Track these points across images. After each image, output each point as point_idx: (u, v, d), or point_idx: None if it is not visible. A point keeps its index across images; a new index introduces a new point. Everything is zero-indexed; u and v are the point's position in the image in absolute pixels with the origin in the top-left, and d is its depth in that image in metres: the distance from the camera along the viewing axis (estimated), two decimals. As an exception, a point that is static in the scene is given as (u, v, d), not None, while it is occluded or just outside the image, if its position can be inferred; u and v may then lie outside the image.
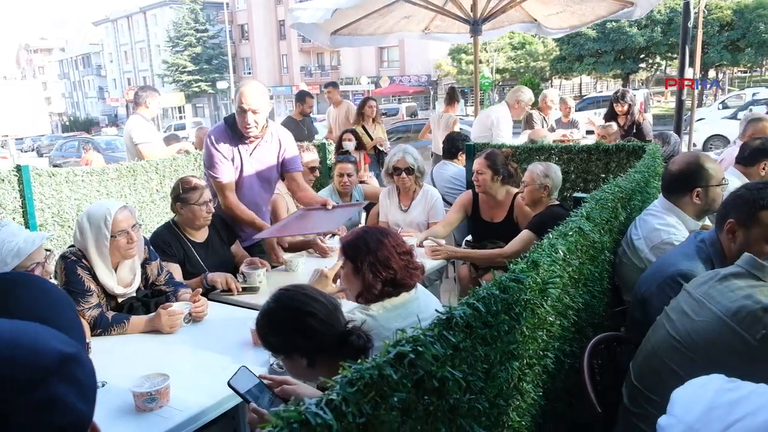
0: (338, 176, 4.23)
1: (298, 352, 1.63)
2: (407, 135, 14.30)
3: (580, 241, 1.82)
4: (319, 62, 49.93)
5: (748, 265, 1.62)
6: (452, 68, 39.42)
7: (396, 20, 7.22)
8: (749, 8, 28.43)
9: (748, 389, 0.97)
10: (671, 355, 1.60)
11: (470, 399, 1.11)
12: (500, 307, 1.25)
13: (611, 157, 4.17)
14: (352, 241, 2.08)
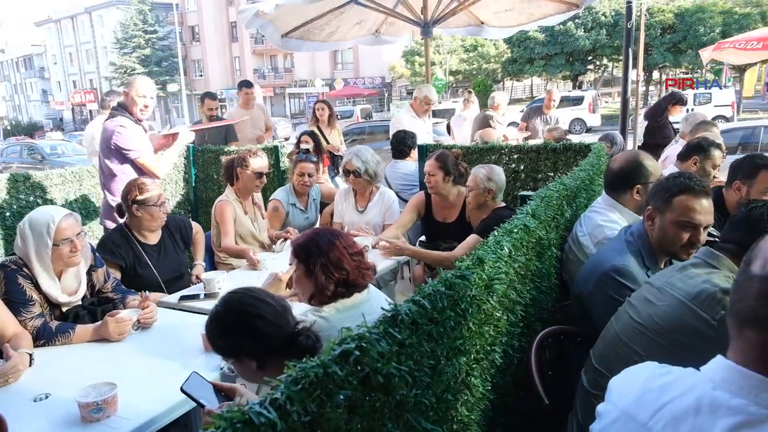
0: (298, 175, 4.20)
1: (247, 355, 1.63)
2: (362, 137, 14.31)
3: (525, 238, 1.86)
4: (272, 64, 49.50)
5: (704, 256, 1.73)
6: (406, 70, 39.69)
7: (349, 27, 7.23)
8: (689, 12, 29.58)
9: (676, 374, 1.02)
10: (635, 338, 1.66)
11: (417, 394, 1.13)
12: (446, 304, 1.27)
13: (559, 156, 4.28)
14: (303, 243, 2.08)
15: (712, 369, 0.96)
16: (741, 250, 1.55)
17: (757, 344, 0.89)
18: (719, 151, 3.76)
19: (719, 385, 0.91)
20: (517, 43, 33.20)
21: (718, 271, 1.66)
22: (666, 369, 1.07)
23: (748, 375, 0.89)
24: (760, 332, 0.89)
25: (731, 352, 0.94)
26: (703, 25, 28.60)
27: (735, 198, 3.00)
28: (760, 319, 0.89)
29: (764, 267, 0.90)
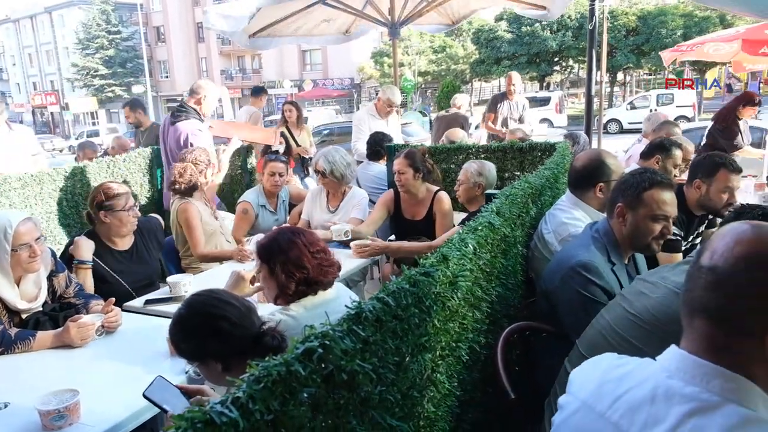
0: (269, 175, 4.18)
1: (212, 357, 1.61)
2: (331, 138, 14.29)
3: (490, 235, 1.89)
4: (240, 65, 49.03)
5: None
6: (375, 71, 39.73)
7: (316, 23, 7.21)
8: (652, 15, 30.24)
9: (634, 364, 1.05)
10: (631, 331, 1.66)
11: (382, 391, 1.13)
12: (410, 301, 1.28)
13: (525, 155, 4.34)
14: (265, 243, 2.09)
15: (667, 359, 0.98)
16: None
17: (707, 334, 0.92)
18: (680, 150, 3.86)
19: (673, 374, 0.94)
20: (485, 43, 33.50)
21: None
22: (624, 360, 1.10)
23: (700, 363, 0.92)
24: (708, 322, 0.92)
25: (684, 341, 0.97)
26: (665, 27, 29.26)
27: (695, 196, 3.08)
28: (709, 310, 0.92)
29: (711, 258, 0.93)
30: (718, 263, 0.92)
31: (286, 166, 4.31)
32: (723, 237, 0.95)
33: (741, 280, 0.89)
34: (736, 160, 3.09)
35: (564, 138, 4.97)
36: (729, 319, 0.90)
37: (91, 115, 49.61)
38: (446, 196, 3.91)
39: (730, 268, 0.90)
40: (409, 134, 11.95)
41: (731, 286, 0.90)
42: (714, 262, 0.92)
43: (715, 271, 0.92)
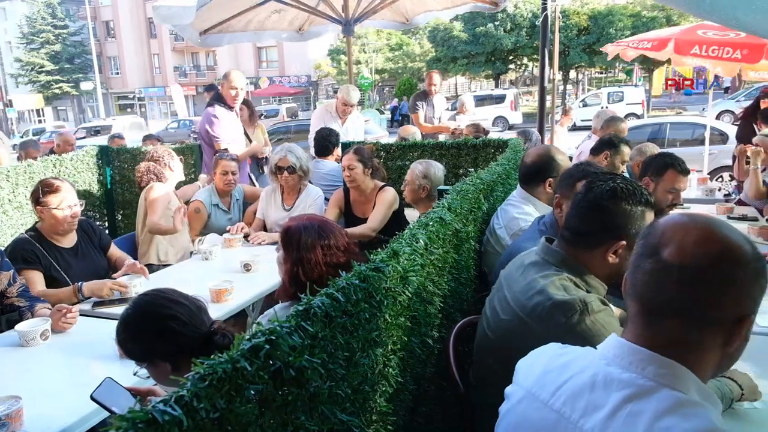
0: (222, 174, 4.12)
1: (160, 358, 1.59)
2: (288, 136, 14.16)
3: (441, 230, 1.91)
4: (194, 62, 48.04)
5: (543, 253, 1.70)
6: (332, 69, 39.58)
7: (267, 14, 7.12)
8: (602, 14, 31.03)
9: (575, 353, 1.08)
10: (491, 351, 1.70)
11: (331, 386, 1.14)
12: (360, 296, 1.29)
13: (479, 152, 4.40)
14: (292, 229, 2.08)
15: (607, 347, 1.02)
16: (575, 236, 1.62)
17: (663, 327, 0.95)
18: (628, 147, 3.99)
19: (612, 362, 0.97)
20: (441, 42, 33.77)
21: (555, 272, 1.61)
22: (566, 349, 1.13)
23: (637, 350, 0.95)
24: (668, 316, 0.95)
25: (626, 331, 1.01)
26: (614, 27, 30.06)
27: None
28: (671, 305, 0.94)
29: (682, 255, 0.94)
30: (687, 261, 0.93)
31: (237, 164, 4.25)
32: (684, 232, 0.96)
33: (718, 278, 0.92)
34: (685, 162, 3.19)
35: (517, 135, 5.06)
36: (694, 313, 0.93)
37: (37, 113, 47.81)
38: (391, 190, 3.89)
39: (704, 265, 0.92)
40: (367, 132, 11.93)
41: (704, 284, 0.93)
42: (681, 260, 0.94)
43: (684, 268, 0.93)
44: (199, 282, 2.86)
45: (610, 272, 1.60)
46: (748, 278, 0.92)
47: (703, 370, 0.94)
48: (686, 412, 0.86)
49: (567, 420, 0.96)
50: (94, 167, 5.21)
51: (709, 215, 1.00)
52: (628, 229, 1.57)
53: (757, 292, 0.93)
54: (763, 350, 1.98)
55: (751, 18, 2.35)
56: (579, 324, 1.41)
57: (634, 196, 1.59)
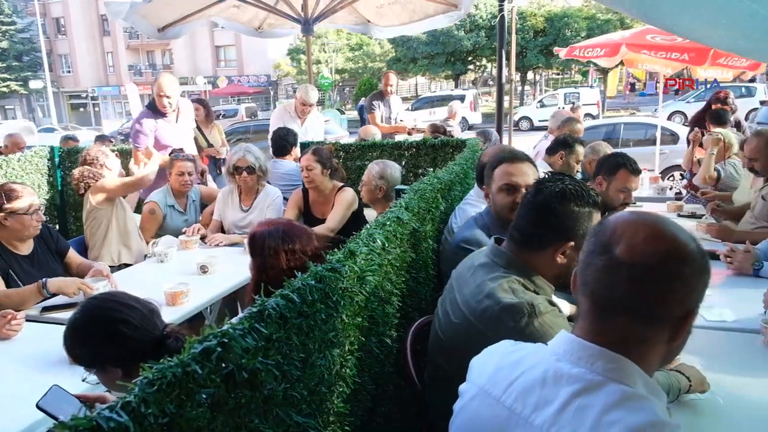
0: (177, 175, 4.04)
1: (111, 363, 1.55)
2: (247, 136, 13.99)
3: (399, 230, 1.92)
4: (149, 60, 46.92)
5: (492, 254, 1.72)
6: (292, 68, 39.29)
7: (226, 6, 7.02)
8: (558, 17, 31.65)
9: (527, 350, 1.10)
10: (442, 351, 1.72)
11: (286, 388, 1.13)
12: (317, 297, 1.28)
13: (438, 151, 4.44)
14: (258, 234, 2.06)
15: (557, 343, 1.04)
16: (523, 237, 1.65)
17: (614, 324, 0.97)
18: (583, 146, 4.08)
19: (562, 357, 0.99)
20: (401, 42, 33.86)
21: (503, 274, 1.62)
22: (518, 346, 1.15)
23: (585, 345, 0.97)
24: (617, 313, 0.97)
25: (576, 327, 1.03)
26: (570, 29, 30.70)
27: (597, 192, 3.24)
28: (620, 302, 0.96)
29: (632, 253, 0.96)
30: (637, 259, 0.95)
31: (194, 165, 4.17)
32: (633, 230, 0.98)
33: (665, 275, 0.94)
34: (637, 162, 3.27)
35: (476, 135, 5.11)
36: (642, 310, 0.95)
37: (-16, 112, 46.01)
38: (350, 191, 3.88)
39: (652, 262, 0.95)
40: (327, 132, 11.88)
41: (651, 281, 0.95)
42: (627, 256, 0.96)
43: (630, 266, 0.95)
44: (154, 285, 2.80)
45: (558, 272, 1.63)
46: (693, 275, 0.95)
47: (650, 364, 0.97)
48: (632, 406, 0.88)
49: (518, 416, 0.97)
50: (44, 169, 5.05)
51: (658, 213, 1.03)
52: (576, 230, 1.60)
53: (702, 288, 0.97)
54: (710, 343, 2.06)
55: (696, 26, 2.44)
56: (527, 327, 1.43)
57: (582, 197, 1.62)
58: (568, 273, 1.59)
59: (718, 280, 2.77)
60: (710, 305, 2.38)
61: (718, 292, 2.57)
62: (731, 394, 1.75)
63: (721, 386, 1.78)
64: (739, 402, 1.72)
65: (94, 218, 3.63)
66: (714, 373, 1.86)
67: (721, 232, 3.52)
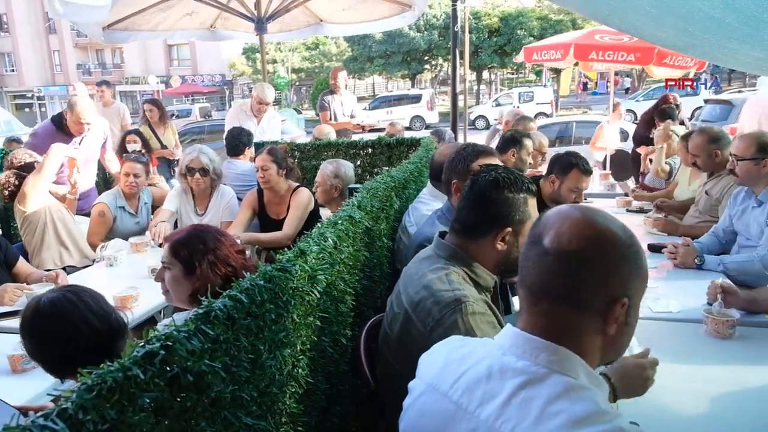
0: (125, 176, 3.93)
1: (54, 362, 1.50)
2: (201, 137, 13.73)
3: (351, 229, 1.91)
4: (99, 59, 45.61)
5: (435, 247, 1.75)
6: (247, 68, 38.81)
7: (178, 17, 6.89)
8: (512, 17, 32.15)
9: (474, 345, 1.11)
10: (389, 347, 1.72)
11: (234, 390, 1.11)
12: (266, 297, 1.27)
13: (393, 150, 4.45)
14: (185, 239, 1.94)
15: (502, 337, 1.06)
16: (464, 228, 1.68)
17: (545, 311, 1.00)
18: (530, 140, 4.14)
19: (507, 351, 1.01)
20: (357, 41, 33.87)
21: (444, 266, 1.64)
22: (466, 341, 1.16)
23: (530, 338, 0.99)
24: (550, 301, 0.99)
25: (519, 321, 1.05)
26: (524, 29, 31.24)
27: (549, 190, 3.29)
28: (550, 289, 0.99)
29: (553, 240, 1.00)
30: (563, 246, 0.99)
31: (145, 167, 4.06)
32: (562, 220, 1.02)
33: (586, 261, 0.97)
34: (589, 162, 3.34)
35: (430, 134, 5.16)
36: (570, 297, 0.98)
37: None
38: (306, 191, 3.85)
39: (575, 249, 0.98)
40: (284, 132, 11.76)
41: (575, 267, 0.98)
42: (558, 245, 0.99)
43: (560, 253, 0.99)
44: (102, 290, 2.70)
45: (499, 259, 1.66)
46: (614, 261, 0.97)
47: (588, 354, 0.99)
48: (574, 396, 0.90)
49: (464, 410, 0.98)
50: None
51: (593, 207, 1.06)
52: (513, 216, 1.65)
53: (628, 276, 0.99)
54: (656, 334, 2.13)
55: (641, 24, 2.52)
56: (455, 322, 1.45)
57: (516, 184, 1.67)
58: (509, 260, 1.64)
59: (664, 272, 2.86)
60: (657, 297, 2.47)
61: (664, 284, 2.66)
62: (675, 382, 1.82)
63: (667, 375, 1.84)
64: (683, 389, 1.79)
65: (29, 223, 3.50)
66: (660, 362, 1.93)
67: (667, 226, 3.65)
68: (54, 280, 2.81)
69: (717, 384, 1.82)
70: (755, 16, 1.74)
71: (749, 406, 1.70)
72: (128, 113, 7.59)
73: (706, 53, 3.25)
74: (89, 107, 4.46)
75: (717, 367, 1.94)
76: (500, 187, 1.66)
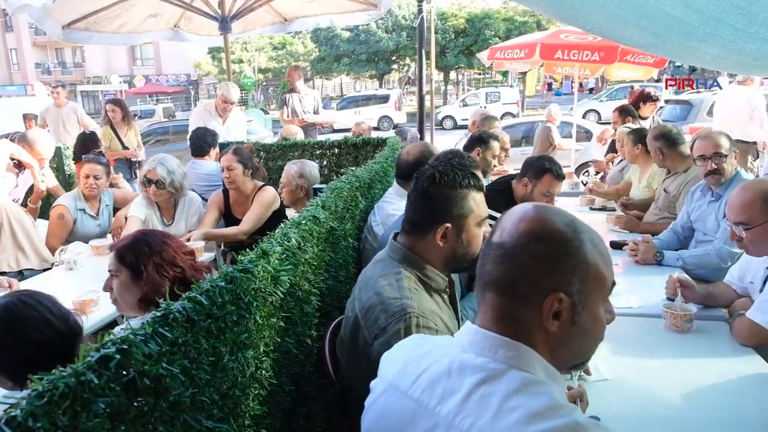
0: (84, 177, 3.83)
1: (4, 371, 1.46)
2: (166, 137, 13.51)
3: (315, 229, 1.90)
4: (59, 58, 44.52)
5: (389, 249, 1.74)
6: (213, 67, 38.35)
7: (142, 18, 6.79)
8: (478, 18, 32.46)
9: (434, 342, 1.12)
10: (343, 348, 1.71)
11: (194, 393, 1.10)
12: (227, 298, 1.25)
13: (359, 150, 4.45)
14: (130, 244, 1.91)
15: (462, 334, 1.06)
16: (410, 226, 1.69)
17: (495, 305, 1.01)
18: (497, 142, 4.19)
19: (467, 348, 1.02)
20: (325, 41, 33.80)
21: (396, 270, 1.62)
22: (426, 339, 1.17)
23: (488, 335, 1.00)
24: (497, 294, 1.01)
25: (478, 318, 1.06)
26: (490, 29, 31.57)
27: (521, 192, 3.29)
28: (496, 282, 1.01)
29: (500, 236, 1.02)
30: (506, 239, 1.01)
31: (106, 168, 3.97)
32: (510, 216, 1.04)
33: (523, 253, 0.99)
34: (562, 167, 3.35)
35: (394, 134, 5.17)
36: (512, 290, 1.00)
37: None
38: (271, 190, 3.80)
39: (514, 242, 1.00)
40: (250, 132, 11.65)
41: (514, 259, 0.99)
42: (502, 239, 1.02)
43: (502, 246, 1.01)
44: (62, 294, 2.63)
45: (444, 256, 1.65)
46: (551, 256, 0.98)
47: (540, 351, 0.99)
48: (531, 391, 0.91)
49: (425, 408, 0.99)
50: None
51: (549, 205, 1.07)
52: (451, 211, 1.63)
53: (570, 271, 0.98)
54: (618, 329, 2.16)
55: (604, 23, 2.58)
56: (394, 331, 1.44)
57: (454, 180, 1.65)
58: (455, 256, 1.64)
59: (624, 269, 2.93)
60: (618, 293, 2.51)
61: (625, 280, 2.72)
62: (636, 375, 1.86)
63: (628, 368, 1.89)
64: (643, 381, 1.83)
65: None
66: (622, 357, 1.97)
67: (628, 224, 3.73)
68: (8, 287, 2.74)
69: (676, 376, 1.87)
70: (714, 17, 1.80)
71: (706, 396, 1.75)
72: (84, 113, 7.47)
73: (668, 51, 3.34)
74: (49, 147, 4.40)
75: (676, 360, 2.00)
76: (437, 183, 1.65)
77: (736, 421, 1.62)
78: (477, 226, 1.68)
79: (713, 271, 2.86)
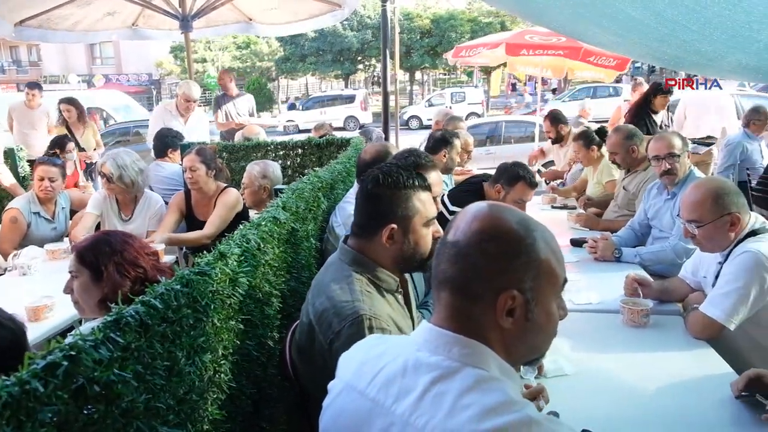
0: (38, 180, 3.72)
1: None
2: (127, 138, 13.21)
3: (276, 230, 1.89)
4: (13, 57, 43.10)
5: (340, 252, 1.71)
6: (175, 67, 37.68)
7: (98, 16, 6.63)
8: (443, 19, 32.65)
9: (390, 342, 1.12)
10: (298, 352, 1.70)
11: (148, 399, 1.07)
12: (183, 302, 1.23)
13: (323, 151, 4.43)
14: (90, 245, 1.87)
15: (418, 333, 1.07)
16: (358, 229, 1.69)
17: (449, 304, 1.02)
18: (459, 140, 4.23)
19: (422, 347, 1.02)
20: (289, 40, 33.51)
21: (347, 274, 1.62)
22: (382, 338, 1.17)
23: (443, 334, 1.01)
24: (451, 293, 1.01)
25: (433, 316, 1.06)
26: (455, 31, 31.78)
27: (494, 197, 3.30)
28: (451, 281, 1.01)
29: (454, 234, 1.03)
30: (459, 238, 1.02)
31: (61, 170, 3.86)
32: (464, 215, 1.05)
33: (475, 251, 0.99)
34: (535, 174, 3.36)
35: (359, 134, 5.16)
36: (466, 288, 1.00)
37: None
38: (233, 191, 3.76)
39: (468, 241, 1.00)
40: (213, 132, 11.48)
41: (467, 258, 1.00)
42: (456, 238, 1.02)
43: (456, 245, 1.01)
44: (15, 300, 2.57)
45: (393, 257, 1.65)
46: (502, 255, 0.99)
47: (495, 348, 1.00)
48: (485, 387, 0.92)
49: (381, 406, 0.99)
50: None
51: (505, 204, 1.09)
52: (396, 212, 1.63)
53: (522, 269, 0.98)
54: (578, 325, 2.21)
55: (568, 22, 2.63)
56: (349, 334, 1.44)
57: (398, 180, 1.65)
58: (403, 257, 1.64)
59: (584, 265, 2.99)
60: (578, 290, 2.57)
61: (585, 277, 2.77)
62: (596, 369, 1.90)
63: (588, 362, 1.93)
64: (602, 375, 1.87)
65: None
66: (581, 352, 2.01)
67: (588, 221, 3.80)
68: None
69: (634, 369, 1.92)
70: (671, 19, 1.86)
71: (662, 389, 1.79)
72: (55, 115, 7.22)
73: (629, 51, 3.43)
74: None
75: (633, 354, 2.04)
76: (380, 184, 1.64)
77: (691, 413, 1.66)
78: (424, 226, 1.67)
79: (669, 266, 2.94)
